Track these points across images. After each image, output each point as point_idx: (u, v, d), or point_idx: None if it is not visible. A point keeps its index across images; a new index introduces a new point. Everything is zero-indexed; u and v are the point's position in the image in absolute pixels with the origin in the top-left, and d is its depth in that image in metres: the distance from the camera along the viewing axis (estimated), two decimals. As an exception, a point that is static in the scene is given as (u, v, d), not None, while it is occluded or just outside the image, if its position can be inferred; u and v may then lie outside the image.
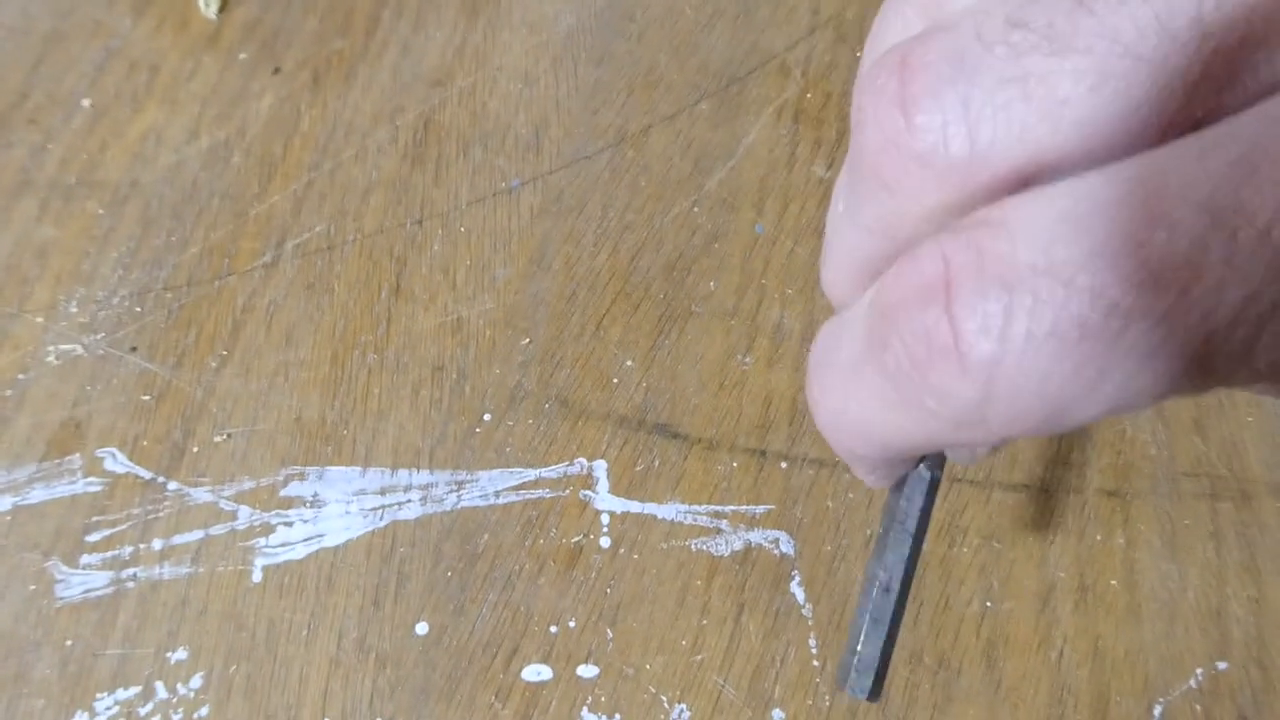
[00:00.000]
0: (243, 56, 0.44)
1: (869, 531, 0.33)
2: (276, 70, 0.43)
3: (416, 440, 0.35)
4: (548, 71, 0.43)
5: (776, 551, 0.33)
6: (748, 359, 0.37)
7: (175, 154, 0.41)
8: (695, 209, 0.40)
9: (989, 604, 0.33)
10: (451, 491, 0.34)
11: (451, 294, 0.38)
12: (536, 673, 0.31)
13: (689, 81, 0.43)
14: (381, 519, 0.33)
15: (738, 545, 0.33)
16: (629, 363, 0.36)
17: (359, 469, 0.34)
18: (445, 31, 0.44)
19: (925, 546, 0.32)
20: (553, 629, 0.32)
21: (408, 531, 0.33)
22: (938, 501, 0.32)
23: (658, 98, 0.42)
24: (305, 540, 0.33)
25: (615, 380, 0.36)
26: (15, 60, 0.43)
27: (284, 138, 0.41)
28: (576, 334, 0.37)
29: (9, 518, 0.33)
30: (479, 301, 0.37)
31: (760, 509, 0.34)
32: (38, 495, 0.34)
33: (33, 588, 0.32)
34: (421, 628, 0.32)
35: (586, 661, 0.31)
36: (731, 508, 0.34)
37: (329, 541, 0.33)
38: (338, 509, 0.34)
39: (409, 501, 0.34)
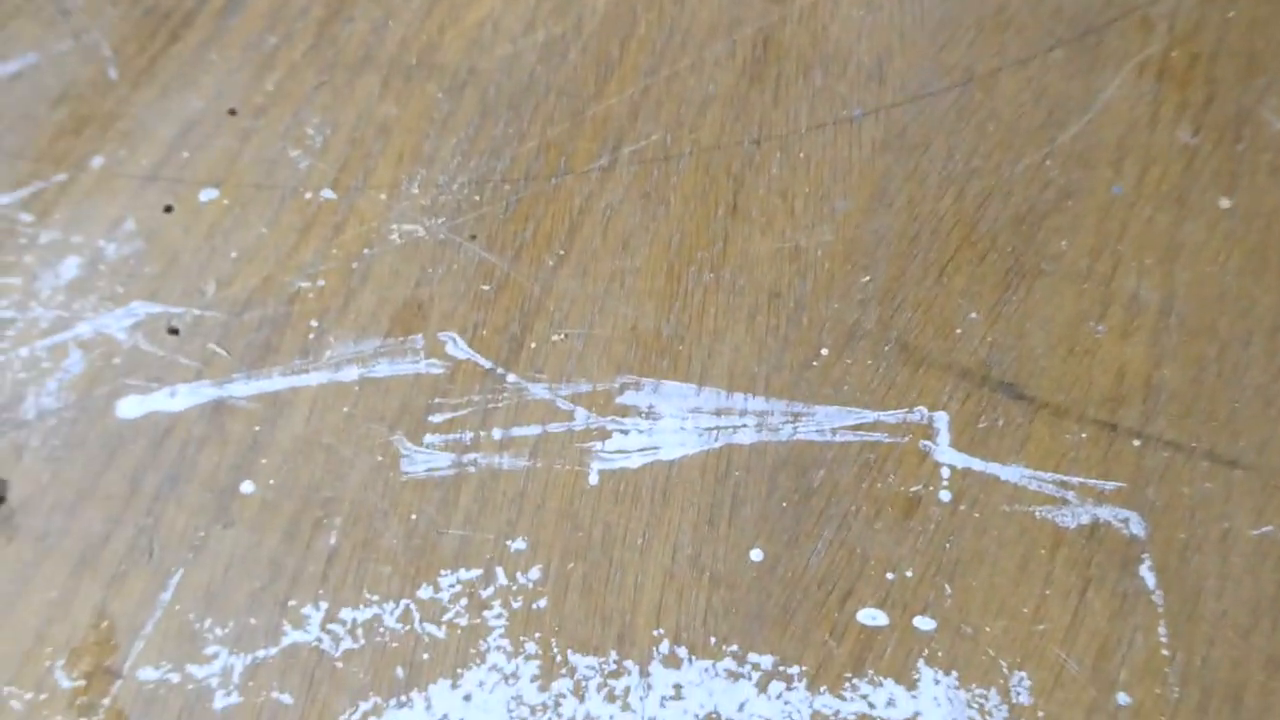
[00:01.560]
0: (580, -48, 0.43)
1: (1227, 525, 0.32)
2: (614, -31, 0.42)
3: (752, 365, 0.34)
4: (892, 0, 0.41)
5: (1126, 531, 0.32)
6: (1100, 327, 0.35)
7: (512, 44, 0.41)
8: (1047, 162, 0.38)
9: (1354, 619, 0.31)
10: (787, 422, 0.33)
11: (790, 220, 0.37)
12: (872, 617, 0.31)
13: (1043, 26, 0.41)
14: (716, 440, 0.33)
15: (1085, 519, 0.32)
16: (973, 315, 0.35)
17: (694, 386, 0.34)
18: (786, -54, 0.43)
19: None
20: (889, 575, 0.31)
21: (742, 456, 0.33)
22: None
23: (1008, 40, 0.40)
24: (641, 450, 0.33)
25: (959, 331, 0.35)
26: (357, -67, 0.43)
27: (620, 39, 0.41)
28: (919, 278, 0.36)
29: (356, 388, 0.34)
30: (818, 232, 0.36)
31: (1110, 485, 0.32)
32: (383, 370, 0.34)
33: (380, 459, 0.33)
34: (756, 554, 0.31)
35: (924, 614, 0.31)
36: (1079, 479, 0.32)
37: (664, 455, 0.33)
38: (673, 424, 0.33)
39: (744, 426, 0.33)
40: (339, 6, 0.42)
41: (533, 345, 0.35)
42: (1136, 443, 0.33)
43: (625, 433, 0.33)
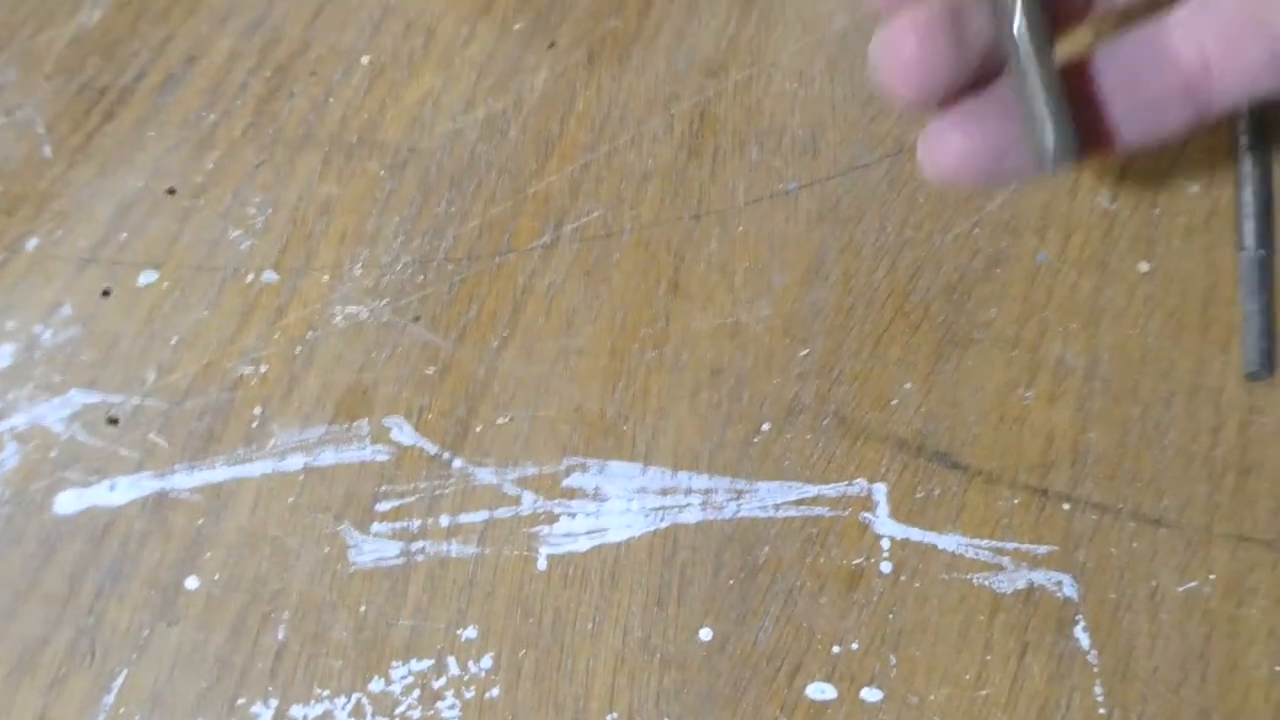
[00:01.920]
0: (518, 27, 0.43)
1: (1154, 584, 0.33)
2: (552, 44, 0.43)
3: (696, 443, 0.35)
4: (823, 73, 0.42)
5: (1060, 594, 0.33)
6: (1029, 393, 0.36)
7: (453, 122, 0.41)
8: (976, 231, 0.39)
9: (1279, 668, 0.32)
10: (731, 499, 0.34)
11: (730, 295, 0.37)
12: (821, 691, 0.31)
13: (967, 96, 0.42)
14: (662, 520, 0.34)
15: (1020, 584, 0.33)
16: (908, 385, 0.36)
17: (640, 466, 0.34)
18: (719, 20, 0.44)
19: (1213, 604, 0.32)
20: (835, 649, 0.32)
21: (689, 535, 0.33)
22: None
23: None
24: (588, 533, 0.33)
25: (894, 402, 0.36)
26: (296, 9, 0.44)
27: (560, 115, 0.41)
28: (855, 350, 0.37)
29: (301, 477, 0.34)
30: (757, 306, 0.37)
31: (1043, 549, 0.33)
32: (329, 458, 0.34)
33: (327, 550, 0.33)
34: (705, 633, 0.32)
35: (871, 685, 0.31)
36: (1014, 545, 0.33)
37: (612, 537, 0.33)
38: (619, 505, 0.34)
39: (689, 505, 0.34)
40: (279, 83, 0.42)
41: (479, 429, 0.35)
42: (1066, 506, 0.34)
43: (572, 516, 0.34)
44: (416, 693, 0.31)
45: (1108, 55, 0.27)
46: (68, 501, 0.34)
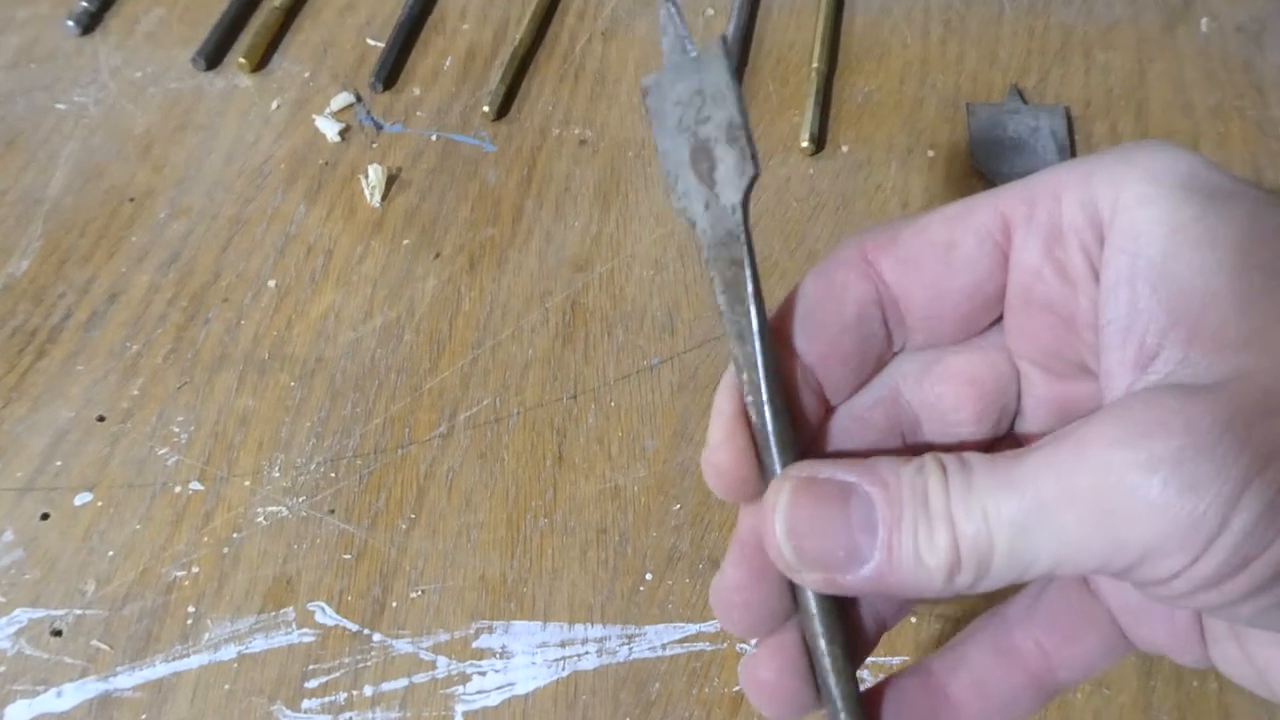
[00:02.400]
0: (406, 242, 0.49)
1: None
2: (437, 255, 0.49)
3: (589, 597, 0.40)
4: (675, 259, 0.49)
5: (913, 700, 0.38)
6: (872, 523, 0.42)
7: (353, 331, 0.46)
8: (815, 386, 0.45)
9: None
10: (624, 644, 0.39)
11: (608, 463, 0.43)
12: (712, 811, 0.35)
13: (799, 268, 0.49)
14: (564, 669, 0.38)
15: (878, 694, 0.38)
16: (769, 526, 0.41)
17: (540, 623, 0.39)
18: (582, 220, 0.50)
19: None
20: (723, 771, 0.36)
21: (588, 681, 0.38)
22: None
23: (774, 283, 0.48)
24: (499, 689, 0.38)
25: (758, 542, 0.41)
26: (206, 243, 0.49)
27: (448, 317, 0.47)
28: (719, 501, 0.42)
29: (235, 665, 0.38)
30: (633, 470, 0.43)
31: (896, 659, 0.38)
32: (259, 644, 0.38)
33: (262, 731, 0.36)
34: (607, 769, 0.36)
35: (755, 801, 0.35)
36: (872, 659, 0.38)
37: (519, 690, 0.37)
38: (524, 660, 0.38)
39: (587, 654, 0.38)
40: (194, 311, 0.47)
41: (394, 604, 0.39)
42: (914, 619, 0.39)
43: (483, 674, 0.38)
44: None
45: (952, 666, 0.26)
46: (18, 713, 0.37)
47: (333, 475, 0.42)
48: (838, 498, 0.22)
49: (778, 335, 0.24)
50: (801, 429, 0.24)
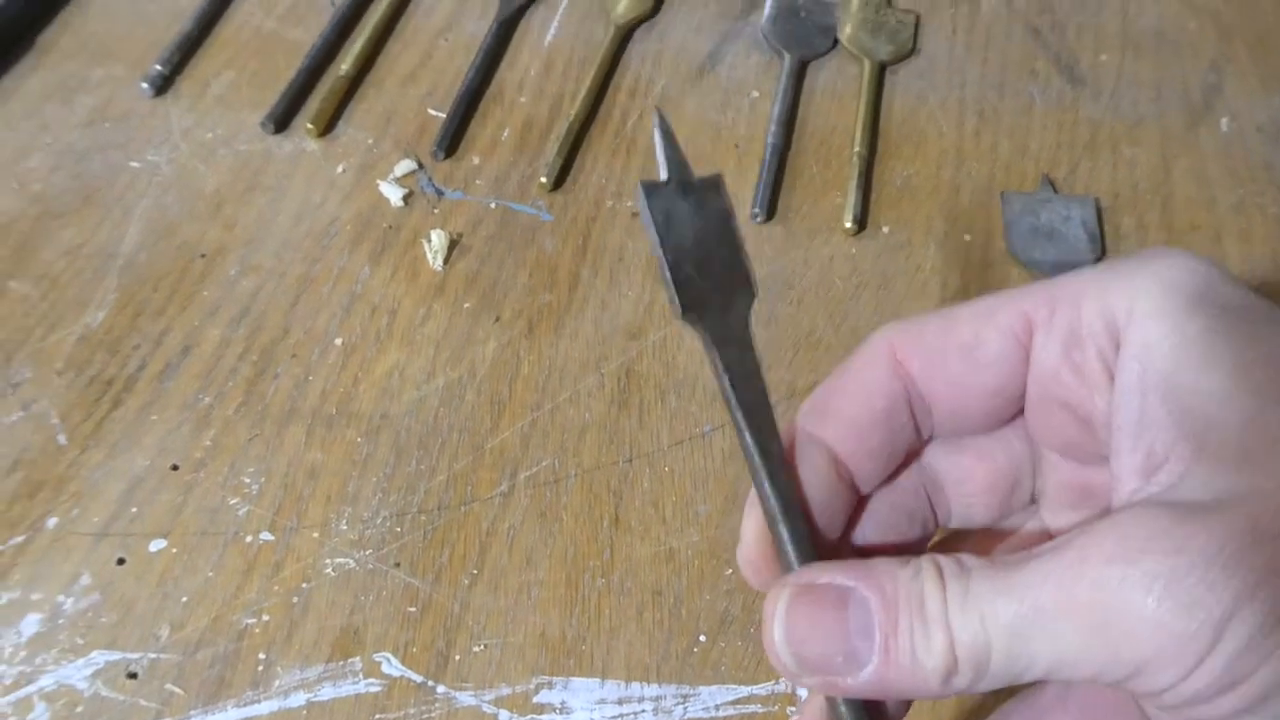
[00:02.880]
0: (467, 305, 0.52)
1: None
2: (497, 319, 0.51)
3: (645, 656, 0.41)
4: (724, 330, 0.51)
5: (957, 767, 0.39)
6: (916, 593, 0.43)
7: (417, 390, 0.48)
8: (859, 458, 0.47)
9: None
10: (678, 704, 0.40)
11: (663, 526, 0.45)
12: None
13: (844, 344, 0.51)
14: (621, 726, 0.39)
15: (924, 760, 0.39)
16: (817, 592, 0.43)
17: (598, 680, 0.40)
18: (635, 290, 0.53)
19: None
20: (775, 830, 0.37)
21: (644, 738, 0.39)
22: None
23: (819, 357, 0.51)
24: (559, 743, 0.39)
25: (807, 608, 0.43)
26: (275, 300, 0.51)
27: (508, 379, 0.49)
28: (770, 565, 0.44)
29: (304, 712, 0.39)
30: (686, 534, 0.44)
31: (939, 728, 0.40)
32: (327, 693, 0.40)
33: (332, 778, 0.38)
34: (664, 825, 0.37)
35: None
36: (915, 726, 0.40)
37: (579, 745, 0.39)
38: (584, 715, 0.40)
39: (644, 711, 0.40)
40: (264, 365, 0.49)
41: (457, 657, 0.41)
42: (956, 689, 0.41)
43: (544, 728, 0.39)
44: None
45: None
46: (94, 754, 0.38)
47: (398, 530, 0.44)
48: (835, 603, 0.23)
49: (813, 421, 0.26)
50: (832, 517, 0.26)
